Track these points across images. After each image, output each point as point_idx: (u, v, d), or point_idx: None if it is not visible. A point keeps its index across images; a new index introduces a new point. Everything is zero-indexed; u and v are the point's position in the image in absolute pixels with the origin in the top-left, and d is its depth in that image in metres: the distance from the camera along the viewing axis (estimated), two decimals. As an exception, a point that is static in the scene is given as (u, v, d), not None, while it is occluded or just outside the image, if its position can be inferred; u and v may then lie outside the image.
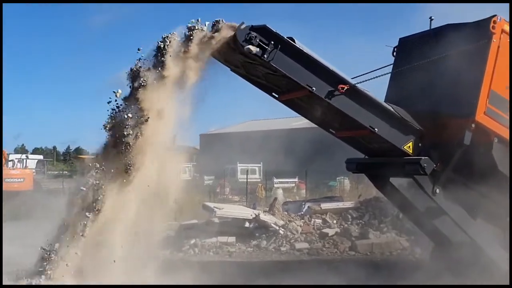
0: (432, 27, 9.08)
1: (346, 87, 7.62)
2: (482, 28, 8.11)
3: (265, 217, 14.24)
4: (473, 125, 7.93)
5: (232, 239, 13.96)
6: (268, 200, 27.43)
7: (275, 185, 32.77)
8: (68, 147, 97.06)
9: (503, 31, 8.09)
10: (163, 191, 7.47)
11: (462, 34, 8.23)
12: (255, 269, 11.04)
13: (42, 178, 32.88)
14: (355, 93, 7.77)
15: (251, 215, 14.22)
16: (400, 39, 9.54)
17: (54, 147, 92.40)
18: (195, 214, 16.06)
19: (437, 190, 8.21)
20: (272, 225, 14.07)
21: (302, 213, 15.14)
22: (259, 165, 37.00)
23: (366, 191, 27.78)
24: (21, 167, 30.59)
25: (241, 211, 14.93)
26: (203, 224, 14.40)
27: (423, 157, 7.97)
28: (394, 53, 9.61)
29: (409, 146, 8.22)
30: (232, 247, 13.66)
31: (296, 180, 34.40)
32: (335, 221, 14.78)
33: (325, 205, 15.28)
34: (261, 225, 14.28)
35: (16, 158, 31.85)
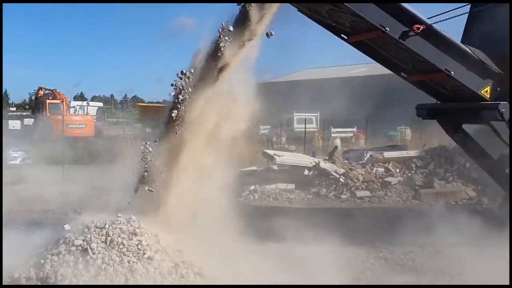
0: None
1: (422, 27, 7.26)
2: None
3: (325, 165, 14.20)
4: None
5: (291, 186, 14.05)
6: (326, 150, 27.33)
7: (333, 135, 32.43)
8: (125, 95, 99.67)
9: None
10: (224, 138, 7.56)
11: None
12: (315, 214, 11.06)
13: (102, 125, 33.96)
14: (431, 34, 7.41)
15: (311, 163, 14.20)
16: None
17: (112, 96, 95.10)
18: (253, 162, 16.19)
19: (515, 137, 7.83)
20: (333, 173, 14.02)
21: (364, 162, 14.97)
22: (316, 114, 36.58)
23: (429, 141, 27.19)
24: (82, 113, 31.66)
25: (301, 158, 14.93)
26: (263, 171, 14.52)
27: (501, 102, 7.59)
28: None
29: (486, 91, 7.85)
30: (291, 194, 13.77)
31: (354, 129, 33.88)
32: (398, 170, 14.56)
33: (388, 154, 15.03)
34: (321, 173, 14.26)
35: (77, 105, 32.99)
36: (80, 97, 62.23)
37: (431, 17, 7.74)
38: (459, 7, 8.64)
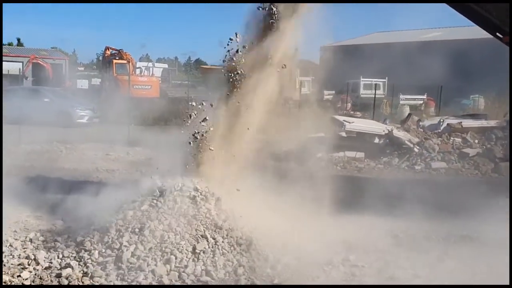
0: None
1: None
2: None
3: (398, 133, 13.39)
4: None
5: (360, 154, 13.38)
6: (394, 118, 26.21)
7: (401, 102, 31.07)
8: (189, 58, 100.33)
9: None
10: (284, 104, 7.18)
11: None
12: (387, 184, 10.40)
13: (167, 87, 34.13)
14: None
15: (383, 131, 13.42)
16: None
17: (176, 58, 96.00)
18: (319, 128, 15.54)
19: None
20: (406, 142, 13.20)
21: (440, 131, 14.01)
22: (384, 80, 35.12)
23: (503, 110, 25.49)
24: (148, 74, 31.85)
25: (373, 125, 14.16)
26: (330, 138, 13.86)
27: None
28: None
29: None
30: (360, 163, 13.10)
31: (424, 97, 32.32)
32: (476, 141, 13.54)
33: (466, 123, 13.99)
34: (393, 141, 13.48)
35: (143, 66, 33.20)
36: (146, 59, 63.09)
37: None
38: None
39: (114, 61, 28.81)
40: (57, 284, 5.22)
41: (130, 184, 8.61)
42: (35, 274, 5.39)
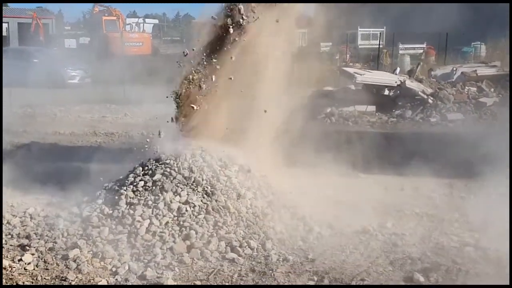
0: None
1: None
2: None
3: (411, 84, 12.66)
4: None
5: (371, 108, 12.68)
6: (393, 68, 25.42)
7: (401, 52, 30.18)
8: (178, 13, 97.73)
9: None
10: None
11: None
12: (409, 140, 9.79)
13: (158, 43, 32.95)
14: None
15: (396, 82, 12.68)
16: None
17: (164, 14, 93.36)
18: (323, 82, 14.78)
19: None
20: (420, 93, 12.48)
21: (453, 80, 13.30)
22: (382, 29, 34.04)
23: (502, 57, 24.84)
24: (138, 31, 30.61)
25: (384, 77, 13.40)
26: (339, 91, 13.16)
27: None
28: None
29: None
30: (372, 117, 12.42)
31: (424, 45, 31.40)
32: (492, 89, 12.86)
33: (481, 71, 13.26)
34: (405, 93, 12.76)
35: (133, 22, 31.82)
36: (133, 15, 61.26)
37: None
38: None
39: (104, 18, 27.59)
40: (65, 266, 4.60)
41: (134, 148, 7.95)
42: (39, 257, 4.75)
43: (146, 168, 5.52)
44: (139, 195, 5.19)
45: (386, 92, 13.13)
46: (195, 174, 5.25)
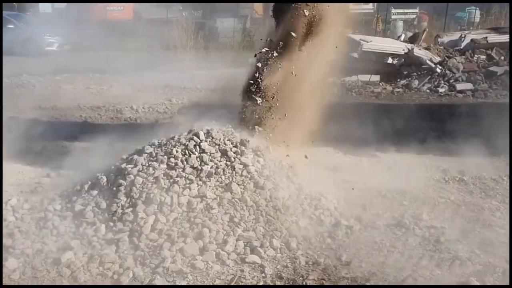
0: None
1: None
2: None
3: (419, 52, 11.97)
4: None
5: (375, 77, 12.02)
6: (386, 35, 24.72)
7: (393, 17, 29.36)
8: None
9: None
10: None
11: None
12: (419, 113, 9.20)
13: (140, 7, 31.52)
14: None
15: (403, 50, 11.99)
16: None
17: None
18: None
19: None
20: (427, 61, 11.82)
21: (462, 48, 12.64)
22: (374, -7, 33.07)
23: (496, 23, 24.26)
24: (118, -5, 29.15)
25: (391, 44, 12.68)
26: (340, 60, 12.35)
27: None
28: None
29: None
30: (376, 88, 11.75)
31: (416, 10, 30.60)
32: (503, 58, 12.25)
33: (492, 38, 12.61)
34: (410, 61, 12.10)
35: (113, -15, 30.27)
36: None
37: None
38: None
39: (82, -20, 26.12)
40: (57, 274, 3.94)
41: (126, 127, 7.22)
42: (25, 262, 4.07)
43: (149, 155, 4.80)
44: (140, 187, 4.49)
45: (390, 60, 12.46)
46: (207, 164, 4.55)
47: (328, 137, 6.45)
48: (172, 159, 4.62)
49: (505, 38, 12.66)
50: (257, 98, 5.24)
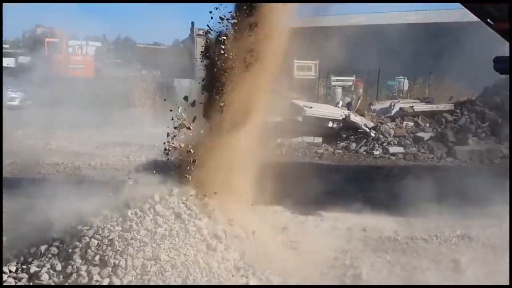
0: None
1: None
2: None
3: (355, 118, 12.40)
4: None
5: (318, 139, 12.30)
6: (327, 99, 25.55)
7: (333, 83, 30.44)
8: (118, 36, 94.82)
9: None
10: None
11: None
12: (358, 174, 9.42)
13: (101, 66, 31.38)
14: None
15: (341, 116, 12.38)
16: None
17: (104, 36, 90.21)
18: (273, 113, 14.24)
19: None
20: (363, 126, 12.24)
21: (392, 115, 13.19)
22: (315, 62, 34.31)
23: (421, 91, 25.61)
24: (81, 53, 28.98)
25: (331, 110, 13.09)
26: (287, 122, 12.63)
27: None
28: None
29: None
30: (319, 149, 12.01)
31: (353, 78, 31.89)
32: (428, 125, 12.84)
33: (418, 107, 13.25)
34: (349, 126, 12.48)
35: (76, 45, 30.10)
36: (74, 37, 58.57)
37: None
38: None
39: (47, 39, 25.86)
40: None
41: (83, 185, 6.95)
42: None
43: (104, 217, 4.62)
44: (95, 250, 4.29)
45: (330, 124, 12.82)
46: (161, 227, 4.42)
47: (277, 196, 6.47)
48: (127, 221, 4.46)
49: (429, 107, 13.34)
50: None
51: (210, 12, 5.23)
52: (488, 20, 6.79)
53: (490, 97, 14.17)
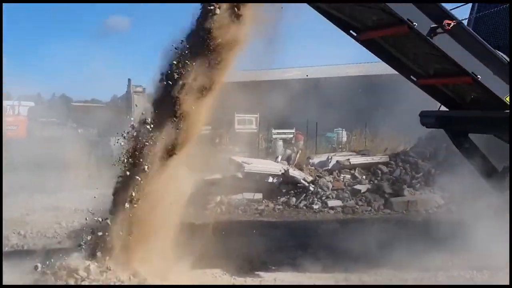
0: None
1: (452, 24, 5.97)
2: None
3: (294, 173, 12.74)
4: None
5: (258, 195, 12.48)
6: (268, 152, 25.99)
7: (274, 136, 31.12)
8: (53, 94, 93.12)
9: None
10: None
11: None
12: (298, 230, 9.61)
13: (35, 126, 30.62)
14: (460, 32, 6.14)
15: (280, 171, 12.69)
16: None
17: (39, 94, 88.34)
18: (211, 168, 14.37)
19: (539, 150, 6.73)
20: (302, 181, 12.58)
21: (329, 168, 13.65)
22: (256, 115, 35.12)
23: (359, 143, 26.68)
24: (13, 113, 28.29)
25: (270, 166, 13.38)
26: (226, 179, 12.79)
27: (536, 111, 6.42)
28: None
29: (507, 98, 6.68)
30: (260, 205, 12.18)
31: (293, 131, 32.78)
32: (364, 177, 13.36)
33: (354, 160, 13.80)
34: (288, 181, 12.79)
35: (8, 105, 29.38)
36: (6, 96, 57.00)
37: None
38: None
39: (-25, 100, 25.04)
40: None
41: (12, 255, 6.71)
42: None
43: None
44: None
45: (270, 179, 13.07)
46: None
47: (216, 257, 6.51)
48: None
49: (365, 159, 13.94)
50: None
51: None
52: (411, 76, 7.33)
53: (423, 147, 15.06)
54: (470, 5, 7.92)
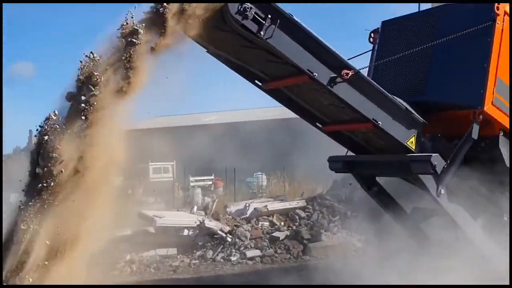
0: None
1: (351, 73, 6.31)
2: (485, 9, 7.20)
3: (210, 224, 12.58)
4: (480, 117, 6.98)
5: (172, 251, 12.17)
6: (186, 201, 25.62)
7: (191, 184, 30.81)
8: None
9: (505, 13, 7.22)
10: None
11: (462, 16, 7.35)
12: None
13: None
14: (359, 80, 6.49)
15: (195, 222, 12.48)
16: (383, 22, 8.39)
17: None
18: (121, 223, 13.87)
19: (442, 191, 7.12)
20: (219, 232, 12.44)
21: (247, 216, 13.65)
22: (172, 163, 34.66)
23: (278, 187, 27.12)
24: None
25: (184, 218, 13.12)
26: (138, 234, 12.36)
27: (433, 154, 6.84)
28: (372, 39, 8.57)
29: (412, 142, 7.09)
30: (174, 261, 11.84)
31: (212, 177, 32.66)
32: (283, 223, 13.49)
33: (271, 206, 13.92)
34: (204, 233, 12.59)
35: None
36: None
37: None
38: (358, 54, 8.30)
39: None
40: None
41: None
42: None
43: None
44: None
45: (185, 232, 12.82)
46: None
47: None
48: None
49: (282, 205, 14.11)
50: None
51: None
52: (317, 124, 7.58)
53: (339, 189, 15.52)
54: (369, 53, 8.53)
